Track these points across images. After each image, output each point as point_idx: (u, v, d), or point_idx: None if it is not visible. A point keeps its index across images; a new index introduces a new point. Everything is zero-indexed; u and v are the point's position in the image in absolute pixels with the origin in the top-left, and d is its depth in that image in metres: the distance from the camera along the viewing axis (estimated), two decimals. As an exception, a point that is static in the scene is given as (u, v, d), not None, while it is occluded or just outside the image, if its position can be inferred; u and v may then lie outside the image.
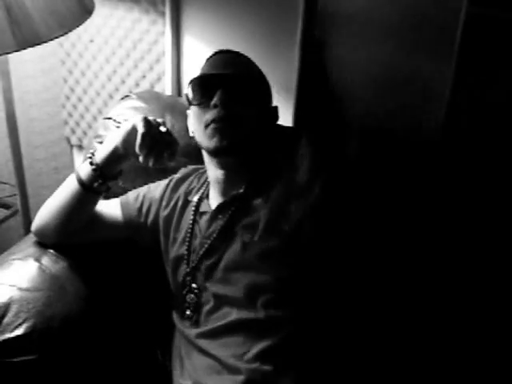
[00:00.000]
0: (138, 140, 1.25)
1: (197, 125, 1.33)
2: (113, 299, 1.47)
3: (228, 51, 1.40)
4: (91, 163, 1.34)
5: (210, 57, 1.40)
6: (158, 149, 1.26)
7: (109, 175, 1.35)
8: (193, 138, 1.38)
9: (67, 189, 1.39)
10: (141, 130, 1.26)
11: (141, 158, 1.26)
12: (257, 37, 1.72)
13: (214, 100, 1.28)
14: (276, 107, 1.42)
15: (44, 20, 1.39)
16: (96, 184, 1.35)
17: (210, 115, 1.29)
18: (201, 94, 1.32)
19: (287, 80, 1.70)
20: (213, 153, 1.32)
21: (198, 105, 1.32)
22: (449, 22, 1.45)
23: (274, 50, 1.70)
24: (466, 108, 1.52)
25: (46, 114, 2.26)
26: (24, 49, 1.38)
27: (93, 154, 1.35)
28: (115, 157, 1.33)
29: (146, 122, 1.27)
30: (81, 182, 1.35)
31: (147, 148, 1.25)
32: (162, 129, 1.29)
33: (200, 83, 1.33)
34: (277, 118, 1.43)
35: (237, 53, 1.40)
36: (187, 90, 1.35)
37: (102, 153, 1.34)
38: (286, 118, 1.72)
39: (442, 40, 1.48)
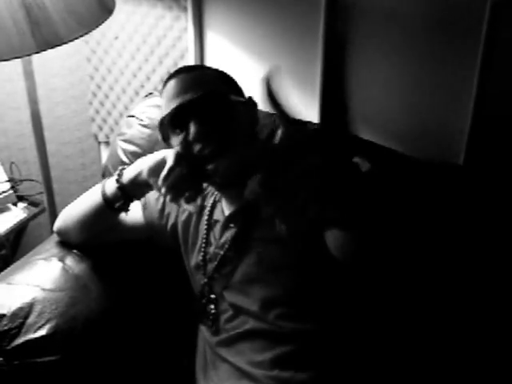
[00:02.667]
0: (163, 172, 1.22)
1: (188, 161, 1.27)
2: (136, 299, 1.48)
3: (179, 71, 1.31)
4: (117, 181, 1.34)
5: (165, 84, 1.31)
6: (179, 187, 1.23)
7: (131, 196, 1.35)
8: None
9: (91, 199, 1.40)
10: (170, 162, 1.23)
11: (161, 190, 1.23)
12: (279, 31, 1.69)
13: (191, 136, 1.22)
14: (250, 97, 1.33)
15: (64, 21, 1.41)
16: (118, 204, 1.35)
17: (194, 150, 1.23)
18: (174, 131, 1.26)
19: (311, 75, 1.68)
20: (221, 188, 1.32)
21: (180, 145, 1.25)
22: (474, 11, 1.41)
23: (297, 45, 1.68)
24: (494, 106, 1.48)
25: (72, 112, 2.29)
26: (44, 50, 1.39)
27: (121, 172, 1.35)
28: (139, 181, 1.31)
29: (177, 157, 1.24)
30: (105, 197, 1.36)
31: (170, 183, 1.22)
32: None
33: (169, 124, 1.27)
34: (256, 106, 1.33)
35: (188, 69, 1.32)
36: (159, 131, 1.30)
37: (128, 174, 1.33)
38: (311, 114, 1.70)
39: (467, 31, 1.44)
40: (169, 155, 1.25)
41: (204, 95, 1.24)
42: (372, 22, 1.55)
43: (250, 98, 1.32)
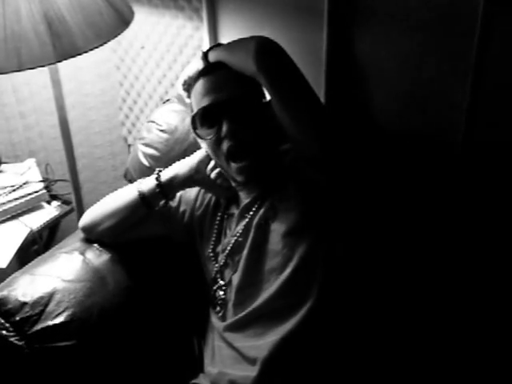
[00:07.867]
0: (210, 164, 1.41)
1: (215, 155, 1.37)
2: (151, 291, 1.54)
3: (213, 67, 1.38)
4: (157, 179, 1.44)
5: (199, 77, 1.38)
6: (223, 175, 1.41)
7: (168, 195, 1.46)
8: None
9: (127, 197, 1.49)
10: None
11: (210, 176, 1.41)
12: (286, 41, 1.65)
13: (223, 133, 1.31)
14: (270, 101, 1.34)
15: (82, 32, 1.47)
16: (156, 202, 1.47)
17: (224, 146, 1.33)
18: (207, 126, 1.35)
19: (317, 79, 1.69)
20: (241, 185, 1.40)
21: (210, 139, 1.35)
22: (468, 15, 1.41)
23: (303, 51, 1.68)
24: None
25: (104, 116, 2.38)
26: (63, 60, 1.46)
27: (159, 174, 1.45)
28: (181, 179, 1.44)
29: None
30: (142, 195, 1.45)
31: (217, 171, 1.40)
32: None
33: (202, 117, 1.35)
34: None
35: (221, 67, 1.36)
36: (192, 125, 1.37)
37: (169, 174, 1.44)
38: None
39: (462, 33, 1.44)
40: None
41: (240, 95, 1.33)
42: (371, 24, 1.57)
43: (270, 101, 1.35)
